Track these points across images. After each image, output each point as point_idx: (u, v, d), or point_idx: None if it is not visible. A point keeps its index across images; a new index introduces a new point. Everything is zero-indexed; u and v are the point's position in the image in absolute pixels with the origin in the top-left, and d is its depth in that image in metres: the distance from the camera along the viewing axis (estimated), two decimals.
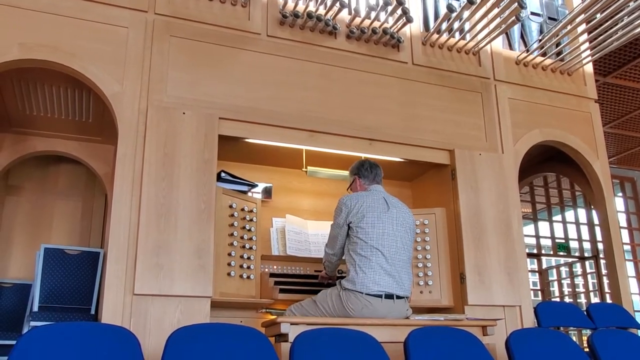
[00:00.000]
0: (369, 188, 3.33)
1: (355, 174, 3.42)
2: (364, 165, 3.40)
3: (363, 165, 3.41)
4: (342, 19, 3.87)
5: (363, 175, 3.38)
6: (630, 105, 6.47)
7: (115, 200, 2.98)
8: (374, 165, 3.40)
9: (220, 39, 3.50)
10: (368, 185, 3.35)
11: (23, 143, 4.22)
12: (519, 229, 3.96)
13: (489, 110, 4.17)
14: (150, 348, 2.74)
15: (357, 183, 3.40)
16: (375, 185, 3.34)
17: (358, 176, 3.40)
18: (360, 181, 3.38)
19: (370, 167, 3.39)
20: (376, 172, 3.38)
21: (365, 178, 3.37)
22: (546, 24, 4.64)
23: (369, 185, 3.35)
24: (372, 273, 3.02)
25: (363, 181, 3.37)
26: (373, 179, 3.36)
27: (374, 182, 3.36)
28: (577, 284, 7.17)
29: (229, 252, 3.41)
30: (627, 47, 5.30)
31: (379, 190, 3.31)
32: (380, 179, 3.39)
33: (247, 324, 2.94)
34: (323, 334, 2.48)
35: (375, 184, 3.35)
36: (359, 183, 3.39)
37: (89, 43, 3.18)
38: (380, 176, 3.39)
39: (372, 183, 3.35)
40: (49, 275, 3.95)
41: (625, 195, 7.35)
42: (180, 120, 3.21)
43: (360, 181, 3.38)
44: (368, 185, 3.35)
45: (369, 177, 3.36)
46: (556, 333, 3.09)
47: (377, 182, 3.37)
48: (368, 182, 3.36)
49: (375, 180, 3.36)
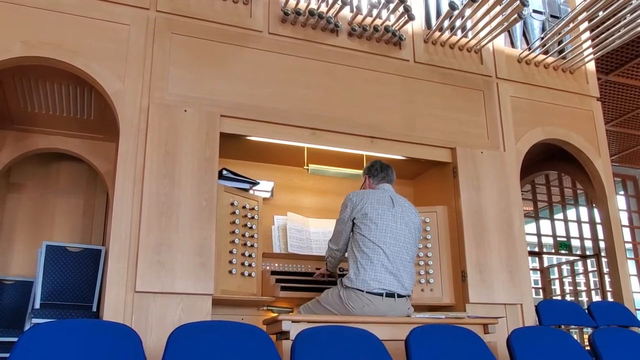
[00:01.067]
0: (377, 187, 3.35)
1: (365, 173, 3.48)
2: (374, 165, 3.44)
3: (374, 165, 3.45)
4: (343, 16, 3.86)
5: (372, 175, 3.42)
6: (632, 103, 6.46)
7: (116, 198, 2.98)
8: (384, 166, 3.44)
9: (222, 37, 3.50)
10: (376, 184, 3.37)
11: (25, 140, 4.22)
12: (520, 227, 3.95)
13: (491, 108, 4.16)
14: (152, 345, 2.75)
15: (367, 182, 3.45)
16: (383, 184, 3.36)
17: (368, 175, 3.44)
18: (370, 180, 3.43)
19: (380, 167, 3.43)
20: (386, 172, 3.41)
21: (374, 177, 3.40)
22: (548, 22, 4.63)
23: (377, 184, 3.38)
24: (373, 271, 3.02)
25: (372, 180, 3.41)
26: (382, 178, 3.39)
27: (383, 181, 3.38)
28: (579, 282, 7.16)
29: (230, 250, 3.41)
30: (629, 45, 5.29)
31: (387, 188, 3.33)
32: (390, 179, 3.41)
33: (248, 321, 2.94)
34: (324, 332, 2.48)
35: (384, 183, 3.37)
36: (368, 182, 3.43)
37: (91, 40, 3.18)
38: (390, 176, 3.42)
39: (380, 182, 3.37)
40: (51, 272, 3.96)
41: (627, 194, 7.34)
42: (181, 118, 3.21)
43: (370, 180, 3.43)
44: (376, 184, 3.37)
45: (377, 177, 3.39)
46: (557, 331, 3.09)
47: (387, 181, 3.39)
48: (377, 182, 3.39)
49: (384, 179, 3.39)
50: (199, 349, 2.21)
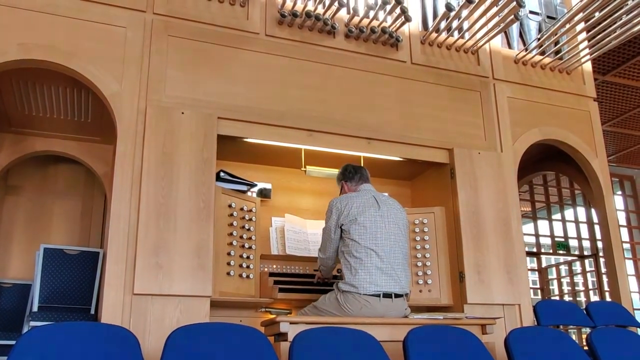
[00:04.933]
0: (357, 189, 3.35)
1: (341, 179, 3.47)
2: (347, 169, 3.45)
3: (346, 169, 3.46)
4: (340, 18, 3.87)
5: (348, 179, 3.42)
6: (629, 104, 6.47)
7: (114, 200, 2.98)
8: (357, 167, 3.46)
9: (219, 39, 3.50)
10: (355, 187, 3.37)
11: (22, 143, 4.22)
12: (518, 228, 3.96)
13: (488, 109, 4.17)
14: (150, 348, 2.75)
15: (345, 187, 3.44)
16: (363, 184, 3.36)
17: (344, 181, 3.44)
18: (347, 185, 3.43)
19: (353, 169, 3.44)
20: (361, 173, 3.42)
21: (351, 180, 3.40)
22: (545, 23, 4.64)
23: (356, 186, 3.38)
24: (367, 274, 3.02)
25: (350, 184, 3.41)
26: (359, 179, 3.39)
27: (360, 181, 3.38)
28: (577, 283, 7.17)
29: (228, 252, 3.41)
30: (626, 45, 5.30)
31: (368, 189, 3.33)
32: (366, 178, 3.41)
33: (246, 323, 2.95)
34: (322, 333, 2.48)
35: (363, 183, 3.36)
36: (347, 187, 3.43)
37: (87, 43, 3.18)
38: (366, 175, 3.42)
39: (359, 183, 3.37)
40: (49, 275, 3.95)
41: (625, 194, 7.35)
42: (179, 120, 3.21)
43: (347, 185, 3.43)
44: (355, 187, 3.37)
45: (354, 179, 3.40)
46: (555, 332, 3.10)
47: (365, 181, 3.39)
48: (355, 184, 3.39)
49: (361, 180, 3.39)
50: (197, 351, 2.21)
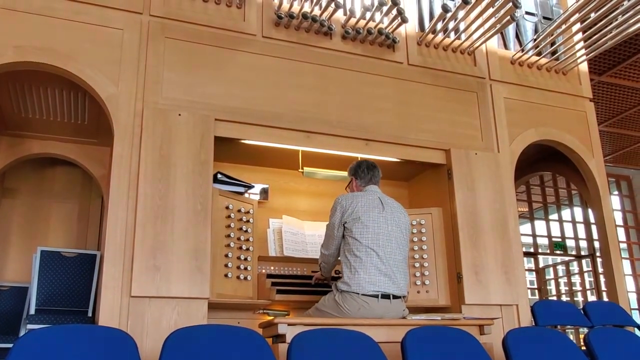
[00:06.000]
0: (364, 189, 3.34)
1: (352, 174, 3.43)
2: (361, 167, 3.40)
3: (360, 166, 3.41)
4: (337, 19, 3.87)
5: (359, 177, 3.38)
6: (625, 104, 6.50)
7: (111, 202, 2.98)
8: (371, 167, 3.40)
9: (215, 41, 3.50)
10: (364, 186, 3.36)
11: (19, 145, 4.21)
12: (515, 228, 3.96)
13: (485, 110, 4.18)
14: (148, 350, 2.74)
15: (354, 183, 3.42)
16: (371, 185, 3.35)
17: (355, 177, 3.41)
18: (356, 182, 3.39)
19: (367, 168, 3.39)
20: (373, 174, 3.38)
21: (362, 179, 3.37)
22: (541, 24, 4.65)
23: (364, 186, 3.36)
24: (367, 273, 3.02)
25: (359, 182, 3.38)
26: (369, 180, 3.36)
27: (370, 183, 3.36)
28: (574, 283, 7.19)
29: (225, 254, 3.41)
30: (622, 45, 5.32)
31: (375, 190, 3.31)
32: (377, 180, 3.39)
33: (244, 325, 2.94)
34: (320, 335, 2.48)
35: (371, 185, 3.35)
36: (355, 184, 3.40)
37: (84, 45, 3.17)
38: (377, 177, 3.39)
39: (368, 184, 3.36)
40: (46, 277, 3.94)
41: (621, 194, 7.38)
42: (176, 122, 3.20)
43: (356, 182, 3.39)
44: (364, 186, 3.36)
45: (365, 179, 3.37)
46: (553, 332, 3.10)
47: (374, 183, 3.37)
48: (364, 183, 3.36)
49: (371, 181, 3.36)
50: (195, 353, 2.20)
